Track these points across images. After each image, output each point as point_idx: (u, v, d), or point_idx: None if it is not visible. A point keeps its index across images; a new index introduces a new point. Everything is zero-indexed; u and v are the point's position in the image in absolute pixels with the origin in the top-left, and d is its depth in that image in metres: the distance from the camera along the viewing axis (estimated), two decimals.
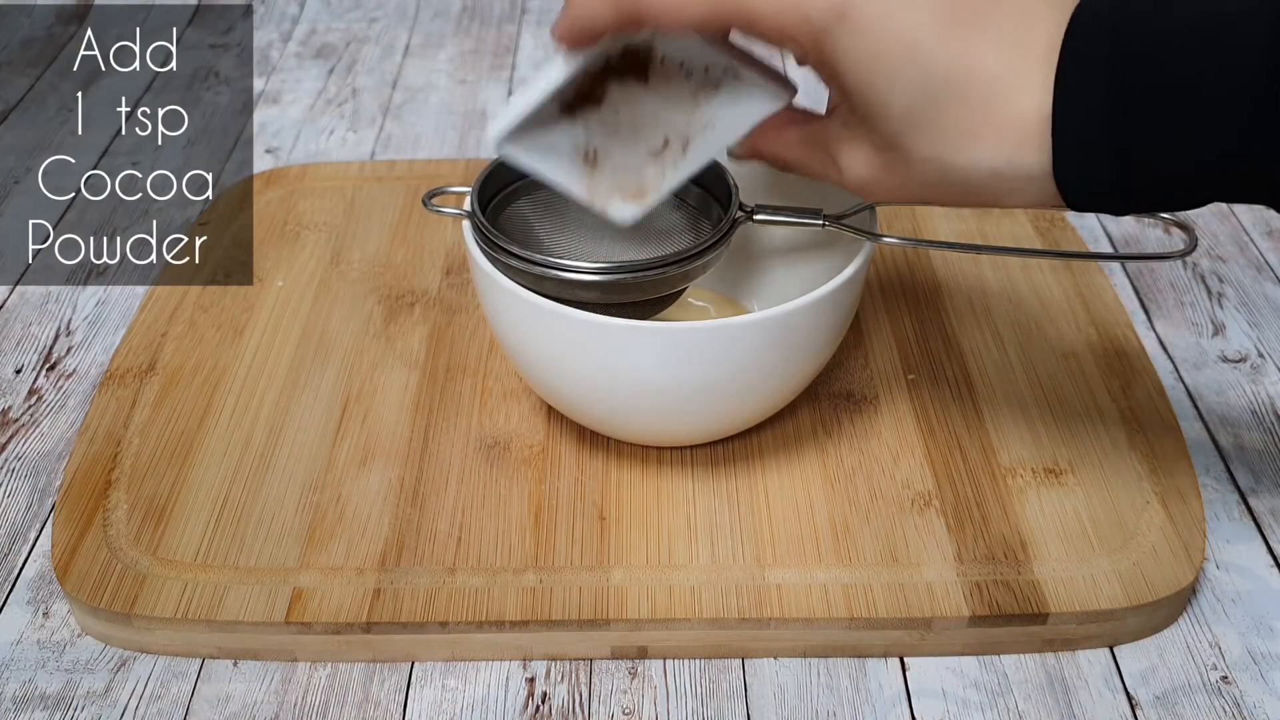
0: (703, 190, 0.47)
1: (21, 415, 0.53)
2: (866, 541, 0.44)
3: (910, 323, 0.54)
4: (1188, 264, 0.61)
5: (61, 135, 0.74)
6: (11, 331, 0.58)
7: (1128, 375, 0.51)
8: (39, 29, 0.86)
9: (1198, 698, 0.41)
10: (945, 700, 0.41)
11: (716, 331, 0.40)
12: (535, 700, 0.41)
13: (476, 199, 0.44)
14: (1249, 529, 0.47)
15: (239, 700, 0.41)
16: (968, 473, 0.47)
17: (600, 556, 0.43)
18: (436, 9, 0.89)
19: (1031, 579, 0.42)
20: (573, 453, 0.48)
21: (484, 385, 0.51)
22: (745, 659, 0.42)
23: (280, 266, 0.58)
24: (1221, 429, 0.52)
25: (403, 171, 0.66)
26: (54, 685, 0.42)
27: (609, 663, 0.42)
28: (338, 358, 0.52)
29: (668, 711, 0.41)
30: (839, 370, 0.51)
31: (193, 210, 0.66)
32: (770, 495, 0.46)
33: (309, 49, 0.84)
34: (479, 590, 0.42)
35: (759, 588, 0.42)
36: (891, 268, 0.58)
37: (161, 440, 0.48)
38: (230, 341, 0.53)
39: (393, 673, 0.42)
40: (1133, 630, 0.43)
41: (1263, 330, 0.57)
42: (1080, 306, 0.55)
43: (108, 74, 0.80)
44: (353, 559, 0.43)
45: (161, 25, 0.87)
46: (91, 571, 0.43)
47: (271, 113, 0.76)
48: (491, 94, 0.78)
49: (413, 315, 0.55)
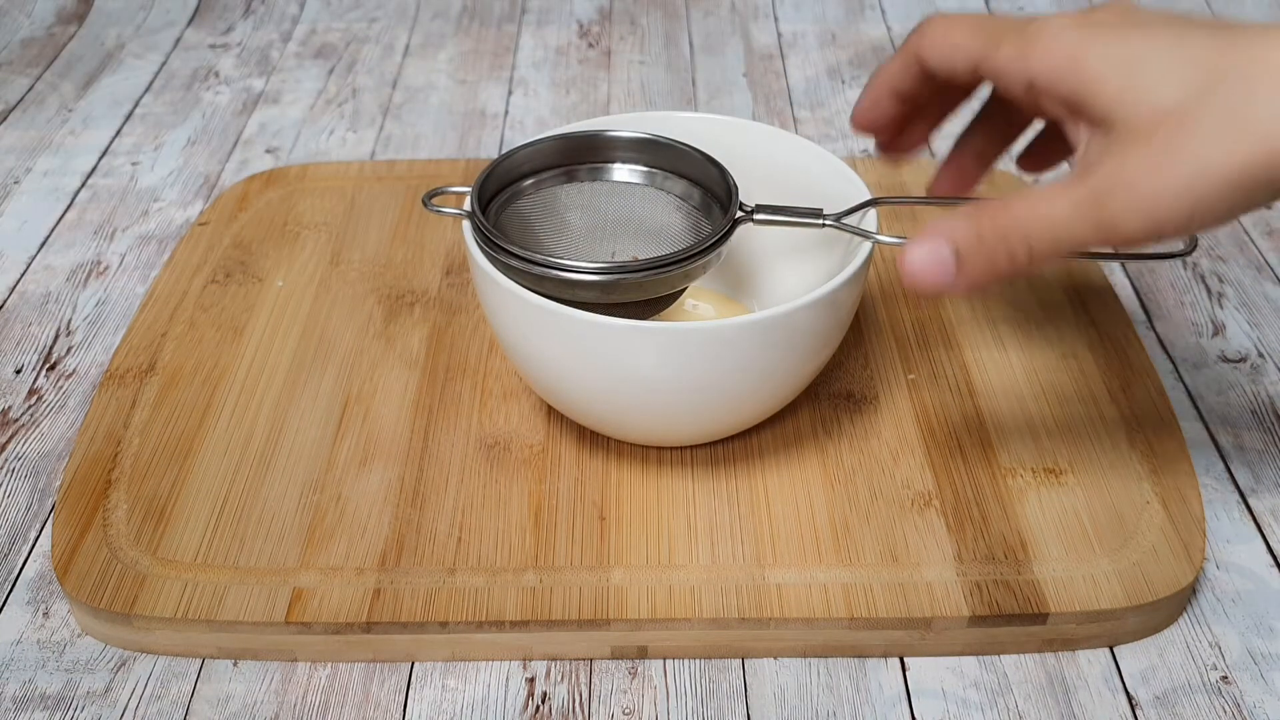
0: (703, 191, 0.47)
1: (21, 415, 0.53)
2: (866, 541, 0.44)
3: (910, 323, 0.54)
4: (1188, 264, 0.61)
5: (61, 135, 0.74)
6: (11, 331, 0.58)
7: (1128, 375, 0.51)
8: (39, 29, 0.86)
9: (1198, 698, 0.41)
10: (945, 700, 0.41)
11: (716, 331, 0.40)
12: (535, 700, 0.41)
13: (476, 199, 0.44)
14: (1249, 529, 0.47)
15: (239, 700, 0.41)
16: (968, 473, 0.47)
17: (600, 556, 0.43)
18: (436, 9, 0.89)
19: (1031, 579, 0.42)
20: (573, 453, 0.48)
21: (484, 385, 0.51)
22: (745, 659, 0.42)
23: (280, 266, 0.58)
24: (1221, 429, 0.52)
25: (403, 171, 0.66)
26: (54, 685, 0.42)
27: (609, 663, 0.42)
28: (338, 358, 0.53)
29: (668, 711, 0.41)
30: (839, 370, 0.51)
31: (193, 210, 0.66)
32: (770, 495, 0.46)
33: (309, 49, 0.84)
34: (479, 590, 0.42)
35: (759, 588, 0.42)
36: (891, 268, 0.58)
37: (161, 440, 0.48)
38: (230, 341, 0.53)
39: (393, 673, 0.42)
40: (1133, 630, 0.43)
41: (1263, 330, 0.57)
42: (1080, 306, 0.55)
43: (108, 74, 0.80)
44: (353, 559, 0.43)
45: (161, 25, 0.87)
46: (91, 571, 0.43)
47: (271, 113, 0.76)
48: (491, 94, 0.78)
49: (413, 315, 0.55)
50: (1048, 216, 0.34)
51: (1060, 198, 0.34)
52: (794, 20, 0.87)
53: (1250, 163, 0.32)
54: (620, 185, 0.48)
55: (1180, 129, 0.33)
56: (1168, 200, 0.33)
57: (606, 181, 0.48)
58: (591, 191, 0.48)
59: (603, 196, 0.48)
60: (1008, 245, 0.35)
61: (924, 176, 0.64)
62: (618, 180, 0.48)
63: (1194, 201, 0.33)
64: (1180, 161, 0.33)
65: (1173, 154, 0.33)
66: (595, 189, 0.48)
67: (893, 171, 0.64)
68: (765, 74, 0.80)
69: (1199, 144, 0.33)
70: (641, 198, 0.48)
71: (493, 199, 0.46)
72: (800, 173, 0.49)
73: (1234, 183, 0.33)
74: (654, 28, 0.86)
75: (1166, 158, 0.33)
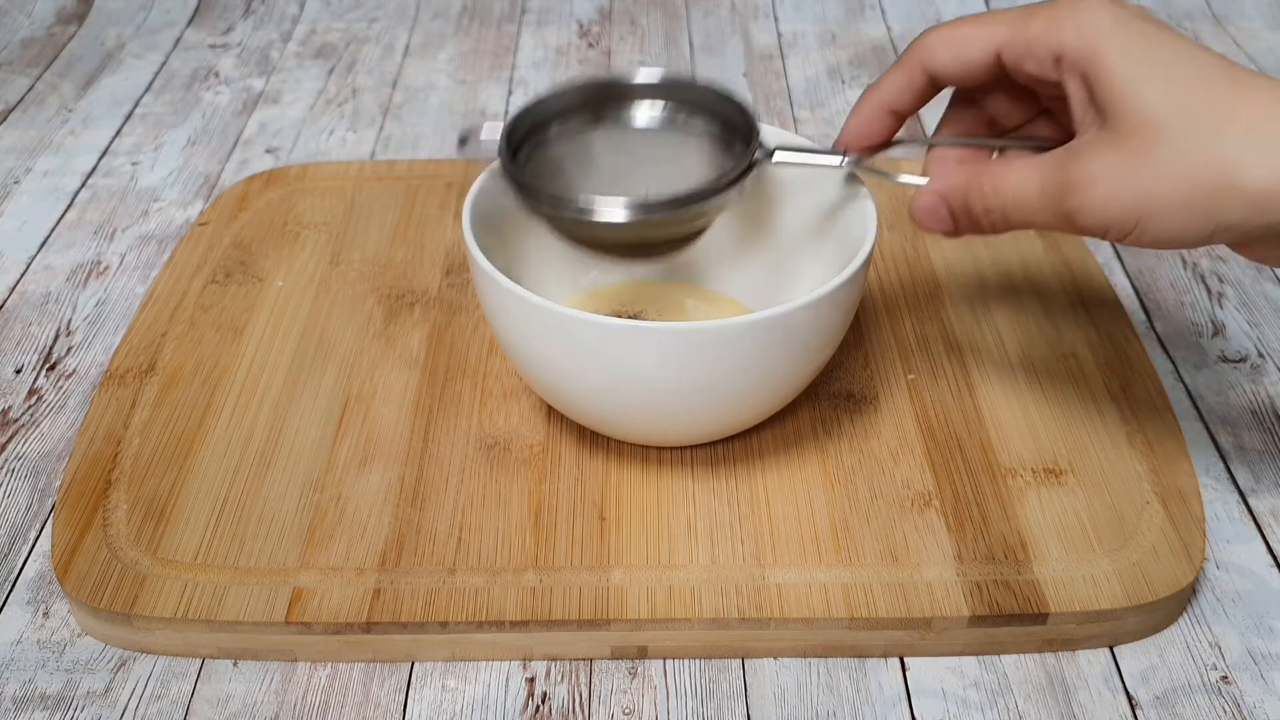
0: (727, 132, 0.46)
1: (21, 415, 0.53)
2: (866, 541, 0.44)
3: (910, 323, 0.54)
4: (1188, 264, 0.61)
5: (61, 135, 0.74)
6: (11, 331, 0.58)
7: (1128, 375, 0.51)
8: (39, 29, 0.86)
9: (1198, 698, 0.41)
10: (945, 700, 0.41)
11: (716, 331, 0.40)
12: (535, 700, 0.41)
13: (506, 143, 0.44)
14: (1249, 529, 0.47)
15: (239, 700, 0.41)
16: (968, 473, 0.47)
17: (600, 556, 0.43)
18: (436, 9, 0.89)
19: (1031, 579, 0.42)
20: (573, 453, 0.48)
21: (484, 385, 0.51)
22: (745, 659, 0.42)
23: (280, 266, 0.58)
24: (1221, 429, 0.52)
25: (403, 171, 0.66)
26: (54, 685, 0.42)
27: (609, 663, 0.42)
28: (338, 358, 0.53)
29: (668, 711, 0.41)
30: (839, 370, 0.51)
31: (193, 210, 0.66)
32: (770, 495, 0.46)
33: (309, 49, 0.84)
34: (479, 590, 0.42)
35: (759, 588, 0.42)
36: (891, 268, 0.58)
37: (161, 440, 0.48)
38: (230, 341, 0.53)
39: (393, 673, 0.42)
40: (1133, 630, 0.43)
41: (1263, 330, 0.57)
42: (1080, 306, 0.55)
43: (108, 74, 0.81)
44: (353, 559, 0.43)
45: (161, 25, 0.87)
46: (91, 571, 0.43)
47: (271, 113, 0.76)
48: (491, 94, 0.78)
49: (413, 315, 0.55)
50: (1020, 199, 0.38)
51: (1032, 182, 0.38)
52: (794, 20, 0.87)
53: (1200, 190, 0.34)
54: (643, 130, 0.48)
55: (1150, 143, 0.35)
56: (1119, 208, 0.35)
57: (630, 127, 0.48)
58: (615, 136, 0.47)
59: (627, 141, 0.47)
60: (989, 215, 0.40)
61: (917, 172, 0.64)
62: (640, 126, 0.48)
63: (1141, 215, 0.35)
64: (1139, 174, 0.35)
65: (1135, 165, 0.35)
66: (619, 133, 0.48)
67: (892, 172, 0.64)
68: (765, 74, 0.80)
69: (1160, 162, 0.34)
70: (665, 141, 0.48)
71: (519, 149, 0.46)
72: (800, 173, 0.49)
73: (1182, 206, 0.34)
74: (654, 28, 0.86)
75: (1128, 168, 0.35)
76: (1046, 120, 0.43)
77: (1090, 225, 0.36)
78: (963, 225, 0.41)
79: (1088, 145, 0.36)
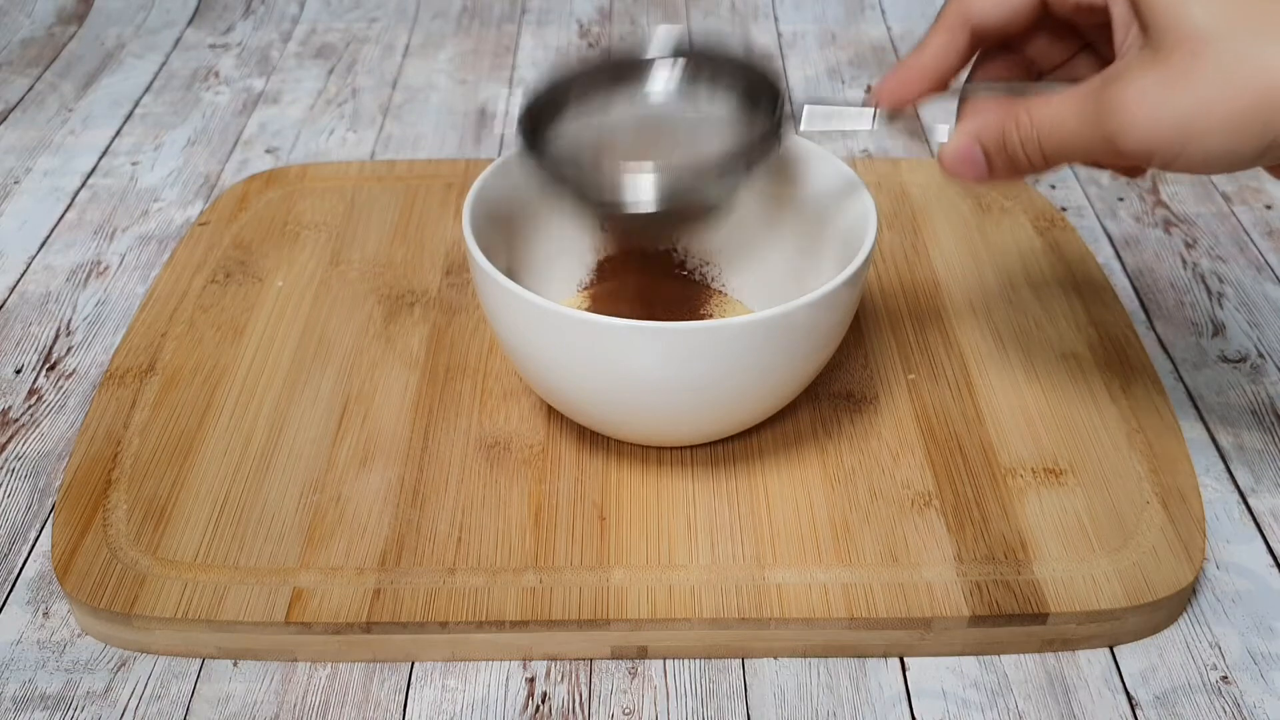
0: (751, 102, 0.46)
1: (21, 415, 0.53)
2: (866, 541, 0.44)
3: (910, 323, 0.54)
4: (1188, 264, 0.61)
5: (61, 135, 0.74)
6: (11, 331, 0.58)
7: (1128, 375, 0.51)
8: (39, 29, 0.86)
9: (1198, 698, 0.41)
10: (945, 700, 0.41)
11: (716, 331, 0.40)
12: (535, 700, 0.41)
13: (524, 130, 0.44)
14: (1249, 529, 0.47)
15: (239, 700, 0.41)
16: (968, 473, 0.47)
17: (600, 556, 0.43)
18: (436, 9, 0.89)
19: (1031, 579, 0.42)
20: (573, 453, 0.48)
21: (484, 385, 0.51)
22: (745, 659, 0.42)
23: (280, 266, 0.58)
24: (1221, 429, 0.52)
25: (403, 171, 0.66)
26: (54, 685, 0.42)
27: (609, 663, 0.42)
28: (338, 358, 0.53)
29: (668, 711, 0.41)
30: (839, 370, 0.51)
31: (193, 210, 0.66)
32: (770, 495, 0.46)
33: (309, 49, 0.84)
34: (479, 590, 0.42)
35: (759, 588, 0.42)
36: (891, 267, 0.58)
37: (161, 440, 0.48)
38: (230, 341, 0.53)
39: (393, 673, 0.42)
40: (1133, 630, 0.43)
41: (1263, 330, 0.57)
42: (1080, 306, 0.55)
43: (108, 74, 0.81)
44: (353, 559, 0.43)
45: (161, 25, 0.87)
46: (91, 571, 0.43)
47: (271, 113, 0.76)
48: (491, 94, 0.78)
49: (413, 315, 0.55)
50: (1059, 125, 0.37)
51: (1071, 107, 0.36)
52: (794, 20, 0.87)
53: (1251, 104, 0.33)
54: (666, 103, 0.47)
55: (1195, 59, 0.33)
56: (1164, 129, 0.34)
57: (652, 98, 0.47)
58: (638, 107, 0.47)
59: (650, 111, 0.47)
60: (1026, 147, 0.38)
61: (922, 174, 0.64)
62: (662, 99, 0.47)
63: (1189, 134, 0.34)
64: (1185, 91, 0.33)
65: (1181, 82, 0.34)
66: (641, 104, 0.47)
67: (892, 172, 0.64)
68: None
69: (1207, 77, 0.33)
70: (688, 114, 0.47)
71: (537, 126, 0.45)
72: (801, 173, 0.49)
73: (1233, 122, 0.33)
74: (654, 27, 0.86)
75: (1174, 85, 0.34)
76: (1087, 57, 0.42)
77: (1134, 148, 0.35)
78: (998, 165, 0.39)
79: (1130, 65, 0.35)
